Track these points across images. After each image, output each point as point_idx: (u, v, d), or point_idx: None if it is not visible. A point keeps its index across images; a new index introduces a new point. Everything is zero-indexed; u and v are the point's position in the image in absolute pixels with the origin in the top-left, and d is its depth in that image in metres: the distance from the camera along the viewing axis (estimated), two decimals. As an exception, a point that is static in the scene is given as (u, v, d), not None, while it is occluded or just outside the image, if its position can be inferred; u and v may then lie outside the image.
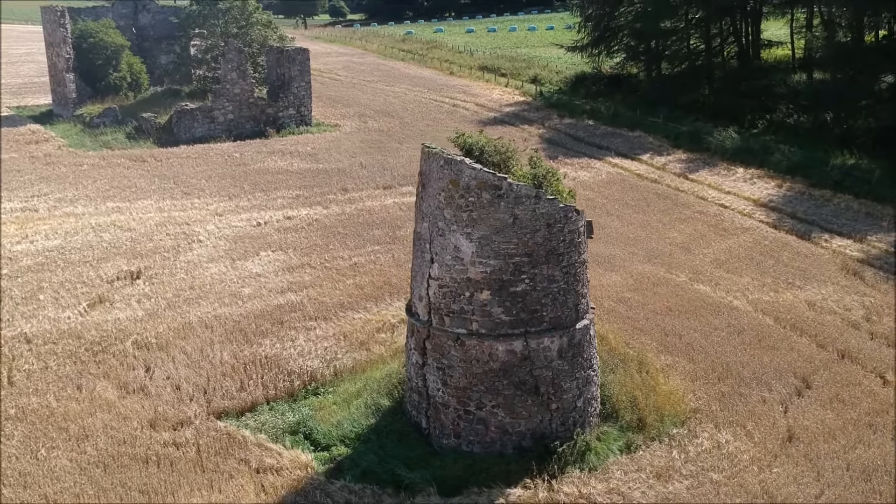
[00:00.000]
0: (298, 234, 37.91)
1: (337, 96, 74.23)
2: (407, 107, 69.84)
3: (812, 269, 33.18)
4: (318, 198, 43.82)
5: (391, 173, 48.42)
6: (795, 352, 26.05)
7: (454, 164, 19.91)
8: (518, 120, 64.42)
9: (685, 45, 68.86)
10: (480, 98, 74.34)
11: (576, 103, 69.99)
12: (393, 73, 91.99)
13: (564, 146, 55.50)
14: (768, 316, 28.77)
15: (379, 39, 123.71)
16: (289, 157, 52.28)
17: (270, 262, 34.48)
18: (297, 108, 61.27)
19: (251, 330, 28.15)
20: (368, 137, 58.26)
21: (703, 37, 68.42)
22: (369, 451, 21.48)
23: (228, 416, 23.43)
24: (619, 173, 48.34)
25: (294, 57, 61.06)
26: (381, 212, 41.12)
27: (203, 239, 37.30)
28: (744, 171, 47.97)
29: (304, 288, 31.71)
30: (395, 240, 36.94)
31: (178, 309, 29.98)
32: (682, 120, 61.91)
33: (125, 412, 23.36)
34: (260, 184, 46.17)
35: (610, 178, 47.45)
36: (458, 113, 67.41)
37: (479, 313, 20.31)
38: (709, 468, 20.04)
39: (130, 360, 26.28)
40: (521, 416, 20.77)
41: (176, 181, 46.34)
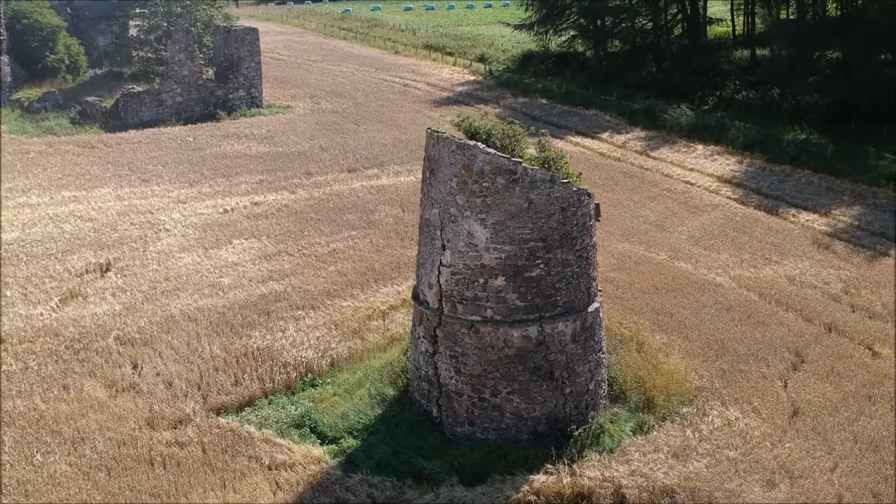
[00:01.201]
0: (269, 221, 37.00)
1: (283, 77, 72.62)
2: (358, 87, 68.79)
3: (785, 244, 33.90)
4: (282, 182, 42.83)
5: (354, 156, 47.63)
6: (785, 327, 26.58)
7: (467, 149, 19.54)
8: (472, 99, 64.08)
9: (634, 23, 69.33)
10: (430, 77, 73.68)
11: (526, 82, 70.01)
12: (336, 52, 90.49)
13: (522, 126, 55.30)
14: (752, 292, 29.29)
15: (317, 18, 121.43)
16: (245, 141, 50.96)
17: (245, 251, 33.58)
18: (247, 89, 59.74)
19: (237, 321, 27.38)
20: (323, 119, 57.20)
21: (652, 14, 69.03)
22: (381, 443, 21.15)
23: (228, 412, 22.78)
24: (583, 152, 48.51)
25: (243, 37, 59.45)
26: (351, 196, 40.43)
27: (170, 228, 36.10)
28: (703, 148, 48.70)
29: (285, 276, 30.98)
30: (370, 224, 36.39)
31: (156, 302, 28.97)
32: (633, 98, 62.54)
33: (119, 412, 22.48)
34: (220, 169, 44.90)
35: (574, 157, 47.31)
36: (411, 93, 66.70)
37: (493, 300, 20.07)
38: (723, 446, 20.31)
39: (115, 357, 25.29)
40: (536, 402, 20.68)
41: (131, 168, 44.70)
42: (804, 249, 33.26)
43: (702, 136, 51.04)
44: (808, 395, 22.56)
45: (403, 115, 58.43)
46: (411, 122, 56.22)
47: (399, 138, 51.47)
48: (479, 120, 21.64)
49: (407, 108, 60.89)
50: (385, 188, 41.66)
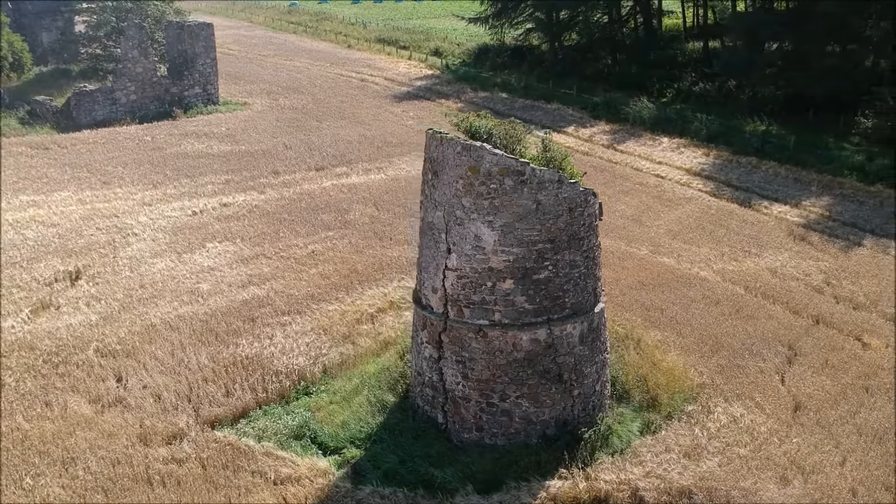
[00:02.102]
0: (241, 223, 36.04)
1: (236, 72, 71.01)
2: (314, 82, 67.69)
3: (762, 236, 34.26)
4: (249, 182, 41.80)
5: (320, 154, 46.75)
6: (774, 320, 26.80)
7: (473, 150, 19.10)
8: (432, 94, 63.56)
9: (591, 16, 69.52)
10: (387, 72, 72.90)
11: (484, 76, 69.85)
12: (287, 46, 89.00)
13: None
14: (737, 285, 29.49)
15: (263, 12, 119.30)
16: (205, 139, 49.64)
17: (220, 254, 32.63)
18: (203, 86, 58.25)
19: (222, 329, 26.53)
20: (283, 116, 56.07)
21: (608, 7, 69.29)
22: (386, 452, 20.65)
23: (222, 425, 22.01)
24: (551, 146, 48.37)
25: (197, 32, 57.88)
26: (323, 195, 39.63)
27: (138, 232, 34.90)
28: (669, 141, 49.05)
29: (265, 281, 30.16)
30: (345, 224, 35.70)
31: (134, 310, 27.92)
32: (592, 91, 62.78)
33: (108, 428, 21.54)
34: (182, 169, 43.63)
35: (543, 151, 47.44)
36: (370, 88, 65.89)
37: (501, 303, 19.71)
38: (733, 443, 20.31)
39: (97, 370, 24.27)
40: (545, 405, 20.41)
41: (90, 169, 43.12)
42: (781, 241, 33.65)
43: (665, 128, 51.42)
44: (807, 388, 22.73)
45: (365, 110, 57.64)
46: (374, 118, 55.49)
47: (364, 135, 50.71)
48: (479, 119, 21.09)
49: (368, 103, 60.09)
50: (356, 187, 40.94)
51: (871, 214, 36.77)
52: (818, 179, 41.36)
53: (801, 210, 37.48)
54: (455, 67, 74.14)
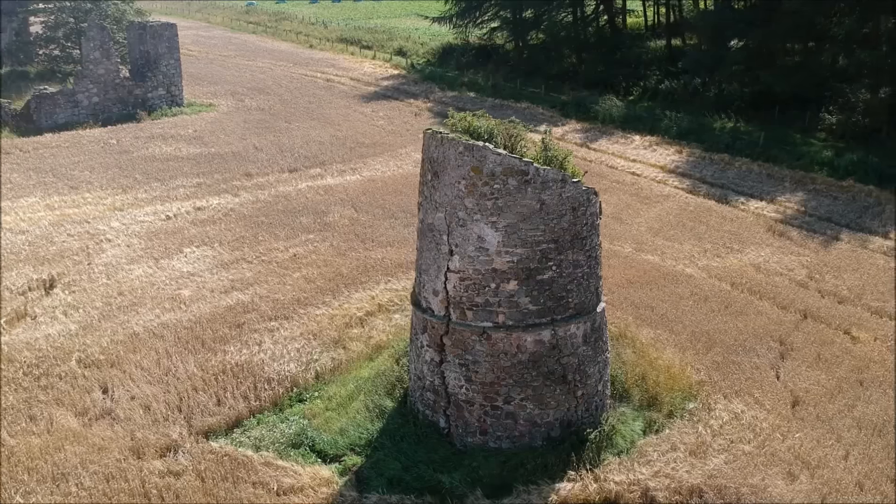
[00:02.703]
0: (218, 226, 35.29)
1: (198, 73, 69.88)
2: (280, 83, 66.86)
3: (742, 232, 34.53)
4: (222, 185, 41.02)
5: (292, 155, 46.10)
6: (763, 315, 26.96)
7: (476, 150, 18.81)
8: (401, 94, 63.16)
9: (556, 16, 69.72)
10: (353, 72, 72.31)
11: (450, 76, 69.64)
12: (248, 46, 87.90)
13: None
14: (724, 281, 29.63)
15: (221, 12, 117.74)
16: (173, 142, 48.64)
17: (199, 259, 31.89)
18: (167, 87, 57.12)
19: (208, 336, 25.87)
20: (251, 117, 55.22)
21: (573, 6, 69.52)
22: (389, 458, 20.26)
23: (217, 435, 21.41)
24: (524, 145, 48.27)
25: (160, 32, 56.72)
26: (299, 198, 39.02)
27: (112, 238, 33.98)
28: (640, 139, 49.29)
29: (249, 286, 29.54)
30: (325, 227, 35.16)
31: (115, 319, 27.13)
32: (559, 90, 62.93)
33: (98, 442, 20.82)
34: (152, 173, 42.65)
35: (517, 150, 47.33)
36: (337, 88, 65.26)
37: (506, 305, 19.45)
38: (737, 440, 20.31)
39: (81, 382, 23.48)
40: (549, 407, 20.20)
41: (56, 174, 41.94)
42: (761, 237, 33.95)
43: (635, 126, 51.70)
44: (802, 383, 22.86)
45: (334, 111, 57.00)
46: (344, 118, 54.91)
47: (336, 136, 50.14)
48: (478, 119, 20.74)
49: (336, 103, 59.46)
50: (333, 188, 40.40)
51: (846, 209, 37.30)
52: (790, 175, 41.84)
53: (777, 206, 37.87)
54: (421, 67, 73.83)
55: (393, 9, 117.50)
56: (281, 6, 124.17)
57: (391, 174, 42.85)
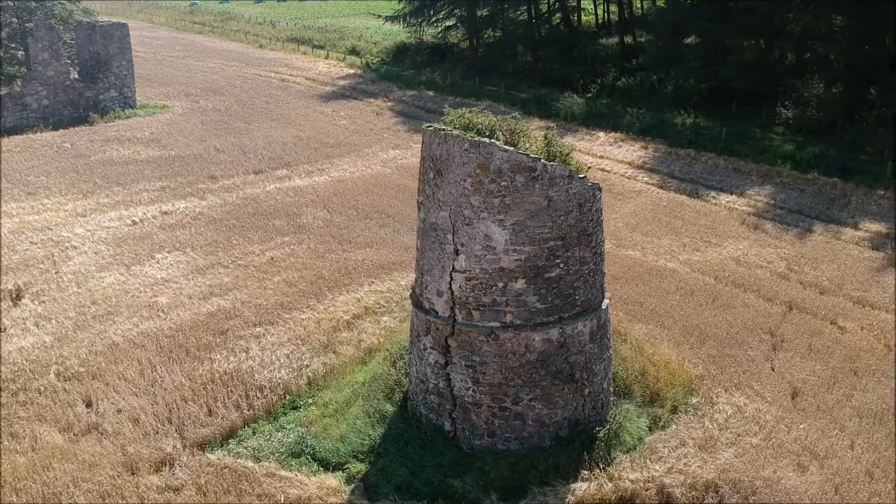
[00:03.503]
0: (188, 231, 34.25)
1: (148, 74, 68.08)
2: (233, 83, 65.54)
3: (717, 226, 34.81)
4: (187, 188, 39.87)
5: (255, 156, 45.10)
6: (751, 308, 27.14)
7: (483, 147, 18.43)
8: (359, 93, 62.43)
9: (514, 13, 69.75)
10: (308, 72, 71.28)
11: (406, 75, 69.17)
12: (196, 47, 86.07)
13: (422, 119, 54.35)
14: (707, 275, 29.79)
15: (163, 12, 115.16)
16: (130, 145, 47.18)
17: (173, 265, 30.87)
18: (119, 89, 55.48)
19: (192, 344, 24.98)
20: (208, 118, 53.92)
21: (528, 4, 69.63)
22: (395, 464, 19.76)
23: (212, 447, 20.63)
24: (491, 143, 48.08)
25: (111, 33, 55.10)
26: (269, 200, 38.13)
27: (78, 245, 32.69)
28: (605, 135, 49.50)
29: (227, 291, 28.67)
30: (300, 229, 34.39)
31: (91, 329, 26.03)
32: (517, 88, 62.98)
33: (88, 458, 19.86)
34: (112, 177, 41.26)
35: (484, 148, 47.04)
36: (293, 88, 64.21)
37: (513, 304, 19.11)
38: (743, 433, 20.31)
39: (63, 396, 22.44)
40: (557, 406, 19.93)
41: (10, 180, 40.25)
42: (737, 230, 34.26)
43: (598, 123, 51.93)
44: (799, 374, 23.02)
45: (294, 111, 56.03)
46: (305, 118, 54.01)
47: (298, 136, 49.24)
48: (477, 116, 20.34)
49: (294, 103, 58.47)
50: (302, 190, 39.59)
51: (814, 201, 37.92)
52: (756, 169, 42.43)
53: (748, 199, 38.32)
54: (376, 66, 73.17)
55: (341, 8, 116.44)
56: (225, 6, 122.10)
57: (360, 174, 42.19)
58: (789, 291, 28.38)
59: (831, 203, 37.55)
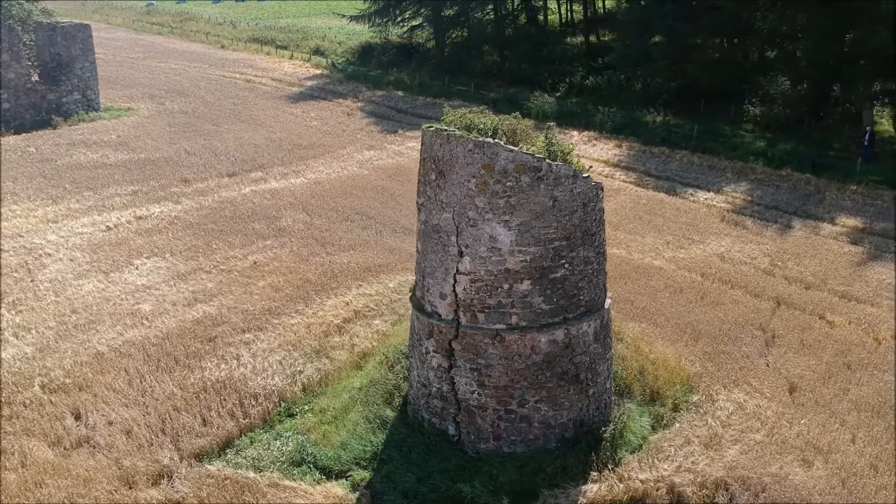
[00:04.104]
0: (165, 236, 33.49)
1: (110, 76, 66.68)
2: (198, 84, 64.49)
3: (698, 223, 35.04)
4: (160, 192, 39.03)
5: (228, 159, 44.35)
6: (740, 304, 27.31)
7: (488, 148, 18.22)
8: (327, 94, 61.83)
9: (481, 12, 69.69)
10: (273, 72, 70.44)
11: (373, 75, 68.72)
12: (156, 48, 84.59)
13: (394, 119, 54.10)
14: (693, 272, 29.93)
15: (119, 12, 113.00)
16: (97, 148, 46.08)
17: (153, 271, 30.14)
18: (82, 92, 54.21)
19: (180, 353, 24.37)
20: (175, 121, 52.93)
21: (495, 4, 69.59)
22: (401, 470, 19.45)
23: (210, 457, 20.12)
24: (466, 143, 47.89)
25: (73, 34, 53.84)
26: (246, 203, 37.48)
27: (52, 252, 31.78)
28: (579, 134, 49.61)
29: (212, 297, 28.06)
30: (280, 232, 33.84)
31: (73, 339, 25.27)
32: (486, 87, 62.90)
33: (81, 473, 19.23)
34: (81, 181, 40.24)
35: (460, 148, 46.82)
36: (259, 89, 63.37)
37: (519, 305, 18.92)
38: (746, 430, 20.37)
39: (49, 409, 21.72)
40: (563, 407, 19.79)
41: (-26, 186, 39.08)
42: (718, 227, 34.53)
43: (570, 122, 51.99)
44: (794, 369, 23.19)
45: (263, 112, 55.28)
46: (274, 120, 53.31)
47: (270, 138, 48.56)
48: (477, 116, 20.11)
49: (262, 105, 57.70)
50: (279, 192, 39.00)
51: (789, 197, 38.38)
52: (730, 166, 42.84)
53: (725, 196, 38.66)
54: (343, 66, 72.58)
55: (301, 8, 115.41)
56: (183, 6, 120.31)
57: (336, 176, 41.71)
58: (776, 287, 28.64)
59: (807, 199, 38.05)
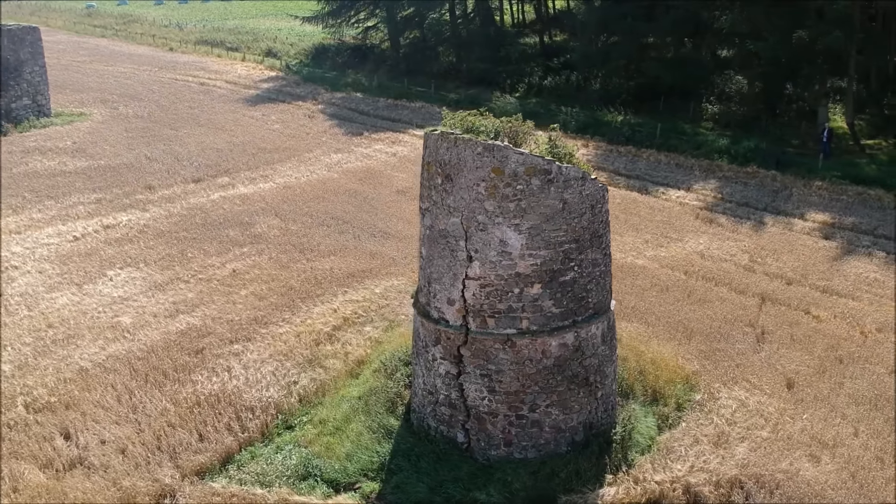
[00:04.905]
0: (136, 245, 32.49)
1: (57, 81, 64.31)
2: (150, 88, 62.92)
3: (674, 221, 35.34)
4: (125, 200, 37.88)
5: (191, 164, 43.30)
6: (726, 302, 27.57)
7: (498, 151, 17.98)
8: (285, 96, 60.88)
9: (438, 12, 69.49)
10: (226, 75, 69.12)
11: (329, 76, 67.98)
12: (101, 51, 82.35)
13: (356, 122, 53.49)
14: (676, 271, 30.14)
15: (59, 14, 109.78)
16: (53, 156, 44.55)
17: (128, 282, 29.18)
18: (32, 97, 52.46)
19: (168, 366, 23.60)
20: (132, 125, 51.52)
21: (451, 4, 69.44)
22: (411, 480, 19.09)
23: (212, 474, 19.51)
24: (433, 145, 47.59)
25: (22, 37, 52.02)
26: (216, 209, 36.59)
27: (18, 264, 30.56)
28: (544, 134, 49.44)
29: (194, 307, 27.27)
30: (256, 239, 33.10)
31: (53, 355, 24.28)
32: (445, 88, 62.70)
33: (79, 496, 18.46)
34: (41, 190, 38.83)
35: (428, 150, 46.48)
36: (215, 92, 62.10)
37: (529, 309, 18.72)
38: (752, 427, 20.51)
39: (37, 429, 20.82)
40: (573, 411, 19.66)
41: (-73, 197, 37.39)
42: (694, 225, 34.87)
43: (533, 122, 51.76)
44: (788, 365, 23.47)
45: (221, 116, 54.14)
46: (235, 123, 52.26)
47: (232, 142, 47.58)
48: (480, 118, 19.87)
49: (220, 108, 56.54)
50: (249, 197, 38.19)
51: (759, 194, 38.98)
52: (697, 164, 43.35)
53: (696, 194, 39.08)
54: (297, 68, 71.61)
55: (247, 9, 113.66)
56: (124, 8, 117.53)
57: (306, 180, 41.02)
58: (759, 283, 29.00)
59: (775, 195, 38.70)
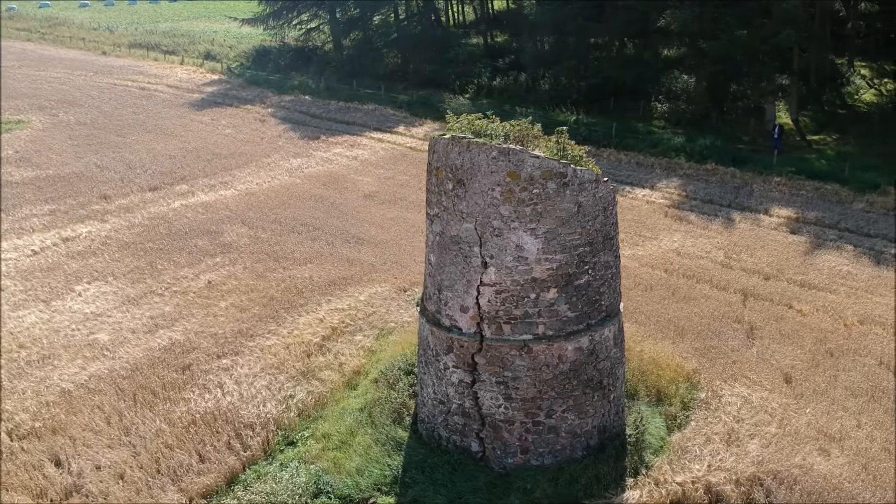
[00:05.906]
0: (101, 258, 31.15)
1: (-13, 87, 61.82)
2: (88, 94, 60.67)
3: (645, 219, 35.62)
4: (80, 210, 36.33)
5: (145, 172, 41.83)
6: (711, 299, 27.85)
7: (513, 155, 17.67)
8: (232, 100, 59.43)
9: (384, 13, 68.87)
10: (167, 78, 67.14)
11: (273, 78, 66.74)
12: (30, 55, 79.12)
13: (310, 125, 52.50)
14: (657, 269, 30.33)
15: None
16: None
17: (99, 297, 27.93)
18: (-34, 104, 49.89)
19: (156, 384, 22.63)
20: (76, 133, 49.52)
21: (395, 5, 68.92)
22: (428, 492, 18.68)
23: (219, 496, 18.77)
24: (393, 148, 47.10)
25: (-47, 41, 49.39)
26: (179, 218, 35.37)
27: (-24, 282, 28.97)
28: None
29: (174, 321, 26.24)
30: (226, 248, 32.09)
31: (30, 377, 23.04)
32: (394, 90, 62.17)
33: (81, 527, 17.49)
34: (-13, 202, 36.99)
35: (389, 154, 46.02)
36: (158, 96, 60.23)
37: (546, 314, 18.48)
38: (759, 423, 20.69)
39: (24, 457, 19.70)
40: (588, 415, 19.49)
41: None
42: (665, 223, 35.20)
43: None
44: (783, 360, 23.79)
45: (169, 121, 52.49)
46: (184, 128, 50.72)
47: (185, 148, 46.14)
48: (487, 122, 19.52)
49: (166, 113, 54.82)
50: (211, 205, 37.04)
51: (721, 191, 39.59)
52: (657, 163, 43.85)
53: (661, 192, 39.50)
54: (239, 71, 70.04)
55: (178, 11, 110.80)
56: (47, 11, 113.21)
57: (268, 186, 40.04)
58: (738, 280, 29.39)
59: (737, 192, 39.39)
